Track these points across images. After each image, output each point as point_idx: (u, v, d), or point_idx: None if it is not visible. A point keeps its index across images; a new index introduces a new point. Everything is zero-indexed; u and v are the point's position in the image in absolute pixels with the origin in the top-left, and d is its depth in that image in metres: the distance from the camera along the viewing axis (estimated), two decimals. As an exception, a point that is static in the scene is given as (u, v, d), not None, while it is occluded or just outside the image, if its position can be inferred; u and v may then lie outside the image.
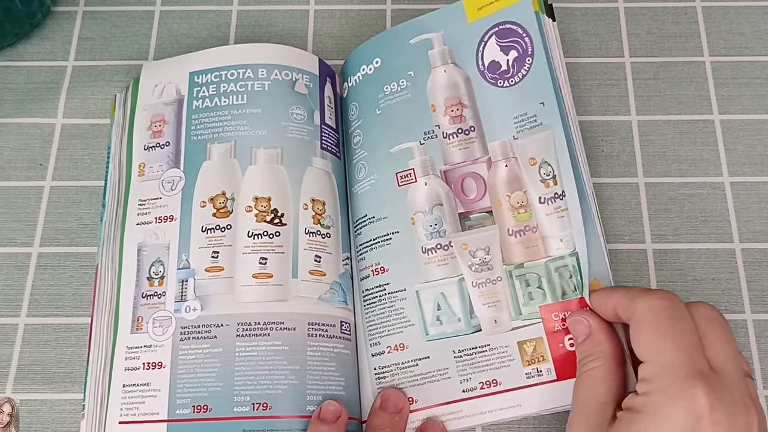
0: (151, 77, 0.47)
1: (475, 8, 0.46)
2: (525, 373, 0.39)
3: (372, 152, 0.45)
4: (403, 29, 0.47)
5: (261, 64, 0.46)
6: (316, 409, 0.39)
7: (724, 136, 0.49)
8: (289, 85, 0.46)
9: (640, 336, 0.35)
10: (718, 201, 0.47)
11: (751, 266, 0.45)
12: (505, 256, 0.41)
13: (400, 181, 0.44)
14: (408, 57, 0.46)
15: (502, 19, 0.45)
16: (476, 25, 0.45)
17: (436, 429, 0.39)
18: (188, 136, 0.45)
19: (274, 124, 0.44)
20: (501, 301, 0.40)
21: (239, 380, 0.39)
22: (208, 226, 0.42)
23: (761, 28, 0.52)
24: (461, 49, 0.45)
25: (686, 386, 0.32)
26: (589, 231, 0.39)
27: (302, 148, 0.44)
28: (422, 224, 0.42)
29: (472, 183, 0.43)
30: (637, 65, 0.51)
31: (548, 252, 0.40)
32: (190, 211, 0.43)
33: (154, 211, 0.43)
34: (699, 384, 0.32)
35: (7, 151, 0.49)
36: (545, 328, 0.39)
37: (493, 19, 0.45)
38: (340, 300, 0.42)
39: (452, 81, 0.44)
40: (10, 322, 0.45)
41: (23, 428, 0.42)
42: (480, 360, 0.40)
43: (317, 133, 0.45)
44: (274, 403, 0.39)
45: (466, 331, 0.41)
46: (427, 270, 0.42)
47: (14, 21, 0.50)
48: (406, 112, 0.45)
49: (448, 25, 0.46)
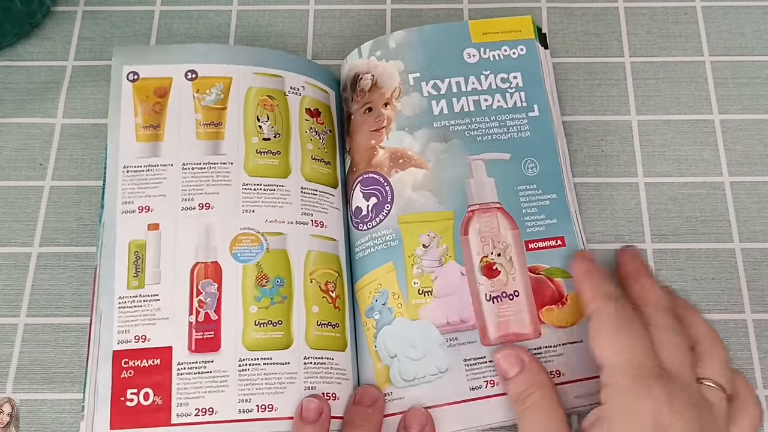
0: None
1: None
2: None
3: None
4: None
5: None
6: (297, 408, 0.39)
7: (724, 135, 0.49)
8: None
9: (594, 338, 0.36)
10: (718, 201, 0.47)
11: (751, 266, 0.45)
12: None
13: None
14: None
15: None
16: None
17: (421, 417, 0.39)
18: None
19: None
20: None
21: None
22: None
23: (761, 28, 0.52)
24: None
25: (645, 385, 0.34)
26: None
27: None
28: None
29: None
30: (636, 65, 0.51)
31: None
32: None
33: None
34: (657, 382, 0.34)
35: (6, 151, 0.49)
36: None
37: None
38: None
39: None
40: (10, 322, 0.45)
41: (23, 428, 0.42)
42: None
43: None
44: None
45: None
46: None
47: (14, 21, 0.50)
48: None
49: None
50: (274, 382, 0.39)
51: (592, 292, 0.38)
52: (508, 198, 0.44)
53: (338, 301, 0.42)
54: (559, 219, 0.44)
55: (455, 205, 0.43)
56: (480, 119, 0.46)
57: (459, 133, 0.45)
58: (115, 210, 0.42)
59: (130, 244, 0.42)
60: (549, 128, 0.46)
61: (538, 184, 0.44)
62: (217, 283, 0.41)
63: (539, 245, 0.43)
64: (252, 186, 0.43)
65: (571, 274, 0.41)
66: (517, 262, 0.42)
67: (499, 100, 0.46)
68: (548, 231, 0.43)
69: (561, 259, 0.43)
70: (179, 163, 0.43)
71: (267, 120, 0.44)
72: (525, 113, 0.46)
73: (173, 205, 0.42)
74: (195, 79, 0.45)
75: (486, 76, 0.47)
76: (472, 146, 0.45)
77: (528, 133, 0.45)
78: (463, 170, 0.44)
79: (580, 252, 0.42)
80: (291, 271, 0.42)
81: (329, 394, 0.40)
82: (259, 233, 0.42)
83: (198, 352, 0.40)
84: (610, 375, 0.35)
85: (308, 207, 0.43)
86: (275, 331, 0.40)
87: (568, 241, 0.43)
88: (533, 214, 0.44)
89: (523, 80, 0.47)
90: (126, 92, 0.45)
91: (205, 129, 0.44)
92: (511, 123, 0.46)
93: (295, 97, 0.46)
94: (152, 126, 0.44)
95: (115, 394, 0.39)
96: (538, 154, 0.45)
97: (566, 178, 0.45)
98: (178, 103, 0.44)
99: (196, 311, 0.40)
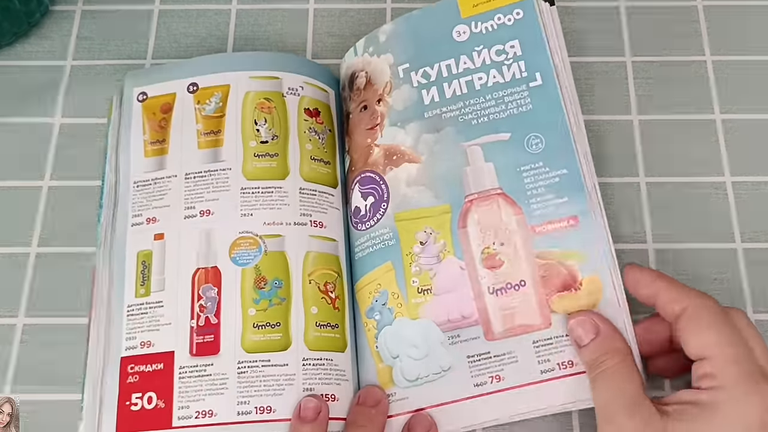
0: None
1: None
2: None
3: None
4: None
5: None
6: (295, 408, 0.39)
7: (725, 135, 0.48)
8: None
9: (699, 331, 0.36)
10: (720, 200, 0.47)
11: (752, 266, 0.45)
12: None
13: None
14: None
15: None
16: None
17: (425, 423, 0.39)
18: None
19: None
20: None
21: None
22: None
23: (763, 27, 0.51)
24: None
25: (754, 382, 0.34)
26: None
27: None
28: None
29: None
30: (638, 64, 0.51)
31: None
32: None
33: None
34: (764, 381, 0.34)
35: (5, 151, 0.49)
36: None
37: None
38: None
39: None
40: (9, 322, 0.44)
41: (22, 429, 0.42)
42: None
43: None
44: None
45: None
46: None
47: (13, 20, 0.49)
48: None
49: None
50: (273, 384, 0.39)
51: (682, 289, 0.37)
52: (510, 181, 0.41)
53: (338, 302, 0.42)
54: (571, 196, 0.41)
55: (452, 197, 0.42)
56: (474, 101, 0.44)
57: (452, 119, 0.44)
58: (126, 224, 0.43)
59: (138, 254, 0.42)
60: (555, 96, 0.43)
61: (545, 161, 0.42)
62: (217, 288, 0.41)
63: (548, 228, 0.41)
64: (250, 190, 0.43)
65: (633, 281, 0.39)
66: (523, 250, 0.40)
67: (494, 75, 0.44)
68: (558, 211, 0.41)
69: (574, 240, 0.40)
70: (182, 174, 0.44)
71: (264, 123, 0.44)
72: (526, 84, 0.43)
73: (176, 215, 0.43)
74: (196, 91, 0.45)
75: (479, 52, 0.44)
76: (467, 132, 0.43)
77: (530, 106, 0.43)
78: (458, 160, 0.43)
79: (634, 265, 0.40)
80: (289, 272, 0.41)
81: (328, 395, 0.40)
82: (257, 236, 0.42)
83: (198, 355, 0.40)
84: (718, 366, 0.34)
85: (307, 207, 0.43)
86: (273, 333, 0.40)
87: (582, 220, 0.40)
88: (540, 195, 0.41)
89: (521, 47, 0.44)
90: (136, 113, 0.46)
91: (205, 138, 0.44)
92: (510, 98, 0.43)
93: (294, 98, 0.46)
94: (158, 141, 0.45)
95: (121, 398, 0.39)
96: (543, 127, 0.42)
97: (579, 149, 0.42)
98: (181, 117, 0.45)
99: (197, 316, 0.40)
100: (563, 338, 0.39)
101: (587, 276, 0.40)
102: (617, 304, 0.39)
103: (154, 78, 0.47)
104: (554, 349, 0.39)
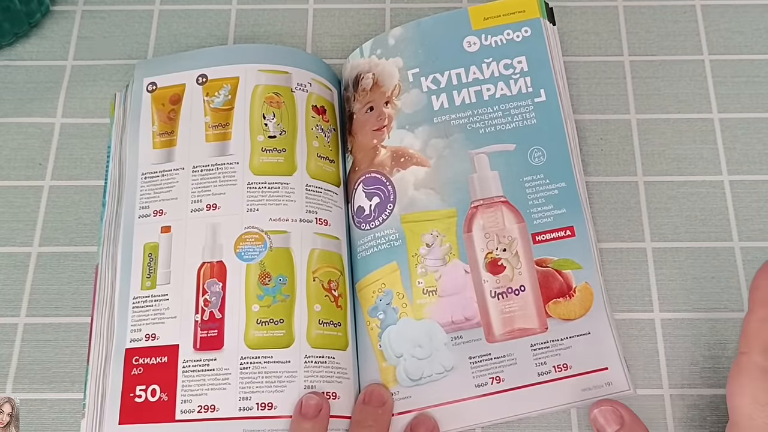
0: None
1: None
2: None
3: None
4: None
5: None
6: (296, 405, 0.39)
7: (723, 134, 0.49)
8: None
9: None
10: (718, 199, 0.47)
11: (750, 265, 0.45)
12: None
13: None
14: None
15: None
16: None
17: (429, 424, 0.39)
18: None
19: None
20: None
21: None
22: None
23: (760, 27, 0.52)
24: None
25: None
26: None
27: None
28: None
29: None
30: (636, 64, 0.51)
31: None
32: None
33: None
34: None
35: (6, 151, 0.49)
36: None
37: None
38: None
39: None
40: (10, 321, 0.45)
41: (23, 428, 0.42)
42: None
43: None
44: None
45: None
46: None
47: (13, 20, 0.50)
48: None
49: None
50: (274, 381, 0.39)
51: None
52: (514, 190, 0.43)
53: (340, 300, 0.42)
54: (569, 208, 0.43)
55: (458, 202, 0.43)
56: (482, 110, 0.45)
57: (461, 127, 0.45)
58: (133, 216, 0.43)
59: (144, 246, 0.42)
60: (557, 113, 0.45)
61: (546, 173, 0.44)
62: (222, 282, 0.41)
63: (547, 237, 0.43)
64: (257, 185, 0.43)
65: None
66: (524, 256, 0.42)
67: (502, 88, 0.45)
68: (557, 221, 0.43)
69: (570, 249, 0.42)
70: (190, 167, 0.44)
71: (273, 117, 0.44)
72: (531, 99, 0.45)
73: (183, 208, 0.43)
74: (205, 83, 0.45)
75: (488, 64, 0.46)
76: (475, 140, 0.44)
77: (534, 120, 0.45)
78: (465, 166, 0.44)
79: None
80: (294, 269, 0.42)
81: (329, 393, 0.40)
82: (263, 231, 0.42)
83: (202, 350, 0.40)
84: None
85: (313, 205, 0.43)
86: (276, 330, 0.40)
87: (577, 230, 0.43)
88: (540, 205, 0.43)
89: (528, 64, 0.46)
90: (145, 103, 0.46)
91: (213, 131, 0.44)
92: (516, 111, 0.45)
93: (302, 94, 0.46)
94: (167, 133, 0.45)
95: (125, 390, 0.39)
96: (546, 141, 0.44)
97: (576, 165, 0.44)
98: (189, 109, 0.45)
99: (201, 310, 0.41)
100: (559, 342, 0.41)
101: (580, 283, 0.42)
102: (603, 308, 0.42)
103: (163, 68, 0.47)
104: (550, 352, 0.41)
